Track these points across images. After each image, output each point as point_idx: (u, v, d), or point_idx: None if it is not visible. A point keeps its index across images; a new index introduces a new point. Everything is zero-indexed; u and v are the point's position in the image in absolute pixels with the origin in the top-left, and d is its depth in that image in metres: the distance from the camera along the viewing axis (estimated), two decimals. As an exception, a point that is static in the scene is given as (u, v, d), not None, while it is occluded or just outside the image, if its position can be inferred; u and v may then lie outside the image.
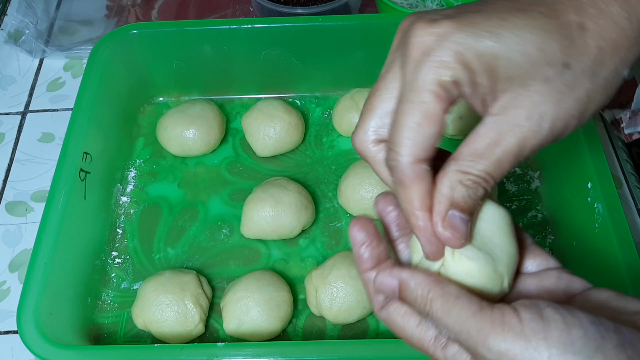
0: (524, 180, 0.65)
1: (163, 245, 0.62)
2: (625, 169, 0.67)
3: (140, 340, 0.56)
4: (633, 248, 0.50)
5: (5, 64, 0.79)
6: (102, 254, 0.61)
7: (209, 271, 0.60)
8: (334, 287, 0.54)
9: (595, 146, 0.56)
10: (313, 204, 0.62)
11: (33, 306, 0.49)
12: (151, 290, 0.55)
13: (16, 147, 0.71)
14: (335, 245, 0.62)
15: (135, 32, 0.66)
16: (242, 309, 0.54)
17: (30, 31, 0.78)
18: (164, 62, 0.69)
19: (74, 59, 0.79)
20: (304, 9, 0.71)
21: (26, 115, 0.74)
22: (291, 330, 0.56)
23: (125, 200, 0.65)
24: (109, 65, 0.65)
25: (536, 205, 0.63)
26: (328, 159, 0.68)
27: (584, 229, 0.55)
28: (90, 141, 0.59)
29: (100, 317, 0.57)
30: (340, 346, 0.48)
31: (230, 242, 0.62)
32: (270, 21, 0.66)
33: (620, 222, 0.51)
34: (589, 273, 0.55)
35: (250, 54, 0.67)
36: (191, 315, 0.54)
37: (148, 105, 0.73)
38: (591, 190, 0.54)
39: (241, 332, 0.54)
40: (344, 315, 0.54)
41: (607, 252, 0.52)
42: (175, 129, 0.66)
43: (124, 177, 0.67)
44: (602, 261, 0.53)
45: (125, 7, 0.84)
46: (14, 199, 0.66)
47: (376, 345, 0.49)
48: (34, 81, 0.77)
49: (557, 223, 0.61)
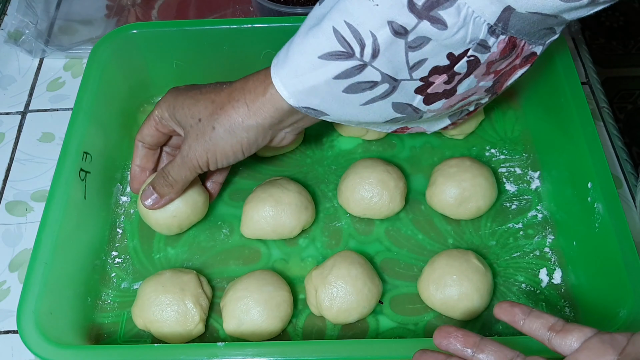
0: (524, 180, 0.65)
1: (163, 245, 0.62)
2: (625, 169, 0.67)
3: (140, 340, 0.56)
4: (633, 248, 0.50)
5: (5, 64, 0.79)
6: (102, 253, 0.61)
7: (209, 271, 0.60)
8: (334, 287, 0.54)
9: (595, 146, 0.56)
10: (313, 204, 0.62)
11: (33, 306, 0.49)
12: (151, 290, 0.55)
13: (16, 147, 0.71)
14: (335, 245, 0.62)
15: (135, 32, 0.66)
16: (242, 308, 0.54)
17: (30, 31, 0.78)
18: (164, 62, 0.69)
19: (74, 58, 0.79)
20: (304, 8, 0.71)
21: (26, 115, 0.74)
22: (291, 330, 0.56)
23: (125, 200, 0.65)
24: (109, 65, 0.65)
25: (536, 205, 0.63)
26: (328, 159, 0.68)
27: (584, 229, 0.55)
28: (90, 141, 0.59)
29: (100, 317, 0.57)
30: (340, 346, 0.48)
31: (230, 242, 0.62)
32: (270, 21, 0.66)
33: (620, 222, 0.51)
34: (589, 273, 0.56)
35: (250, 54, 0.67)
36: (191, 315, 0.54)
37: (148, 105, 0.73)
38: (591, 190, 0.54)
39: (241, 332, 0.54)
40: (343, 315, 0.54)
41: (607, 252, 0.52)
42: (175, 129, 0.66)
43: (124, 177, 0.67)
44: (602, 261, 0.53)
45: (125, 7, 0.84)
46: (14, 199, 0.67)
47: (376, 345, 0.49)
48: (34, 81, 0.77)
49: (557, 223, 0.61)
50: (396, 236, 0.62)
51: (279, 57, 0.49)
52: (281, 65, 0.48)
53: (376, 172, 0.61)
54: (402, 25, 0.42)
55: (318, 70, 0.46)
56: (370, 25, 0.43)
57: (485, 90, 0.50)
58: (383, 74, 0.45)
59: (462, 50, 0.44)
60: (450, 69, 0.45)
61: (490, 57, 0.45)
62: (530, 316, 0.40)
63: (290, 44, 0.48)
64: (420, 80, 0.46)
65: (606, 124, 0.70)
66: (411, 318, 0.57)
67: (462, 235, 0.62)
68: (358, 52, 0.44)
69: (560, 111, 0.60)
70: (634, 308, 0.48)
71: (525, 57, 0.47)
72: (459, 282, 0.54)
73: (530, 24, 0.43)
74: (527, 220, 0.62)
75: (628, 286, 0.49)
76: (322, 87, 0.47)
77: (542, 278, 0.59)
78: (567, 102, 0.59)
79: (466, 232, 0.62)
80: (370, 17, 0.43)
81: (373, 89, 0.47)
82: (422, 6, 0.41)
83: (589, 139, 0.56)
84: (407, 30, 0.42)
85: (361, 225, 0.63)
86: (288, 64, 0.47)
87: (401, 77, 0.45)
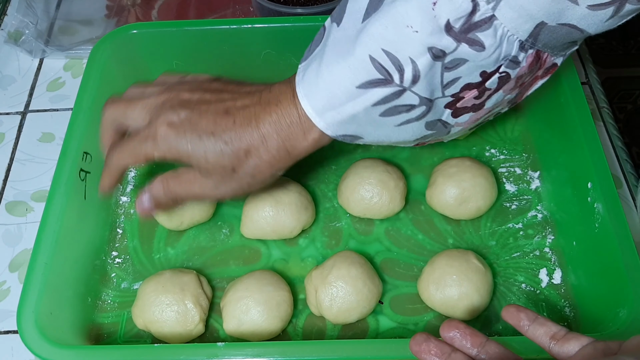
0: (524, 180, 0.65)
1: (163, 245, 0.62)
2: (625, 169, 0.67)
3: (140, 340, 0.56)
4: (633, 248, 0.50)
5: (5, 64, 0.79)
6: (102, 253, 0.61)
7: (209, 271, 0.60)
8: (334, 287, 0.54)
9: (595, 146, 0.56)
10: (313, 204, 0.62)
11: (33, 306, 0.49)
12: (151, 290, 0.55)
13: (16, 147, 0.71)
14: (335, 245, 0.62)
15: (135, 32, 0.66)
16: (242, 308, 0.54)
17: (30, 31, 0.78)
18: (164, 62, 0.69)
19: (74, 59, 0.79)
20: (304, 8, 0.71)
21: (26, 115, 0.74)
22: (291, 330, 0.56)
23: (125, 200, 0.65)
24: (109, 65, 0.65)
25: (536, 205, 0.63)
26: (328, 159, 0.68)
27: (584, 229, 0.55)
28: (90, 141, 0.59)
29: (100, 317, 0.57)
30: (340, 346, 0.48)
31: (230, 242, 0.62)
32: (270, 21, 0.66)
33: (620, 222, 0.51)
34: (589, 273, 0.56)
35: (250, 54, 0.67)
36: (191, 315, 0.54)
37: (148, 105, 0.73)
38: (591, 190, 0.54)
39: (241, 332, 0.54)
40: (344, 315, 0.54)
41: (607, 252, 0.52)
42: (175, 129, 0.66)
43: (124, 177, 0.67)
44: (602, 261, 0.53)
45: (125, 7, 0.84)
46: (14, 199, 0.67)
47: (376, 345, 0.49)
48: (34, 81, 0.77)
49: (557, 223, 0.61)
50: (396, 236, 0.62)
51: (309, 88, 0.46)
52: (314, 98, 0.46)
53: (376, 172, 0.61)
54: (441, 49, 0.42)
55: (357, 99, 0.45)
56: (409, 52, 0.42)
57: (508, 102, 0.49)
58: (421, 97, 0.44)
59: (494, 68, 0.43)
60: (482, 85, 0.45)
61: (520, 72, 0.44)
62: (534, 323, 0.42)
63: (318, 74, 0.46)
64: (451, 96, 0.45)
65: (606, 124, 0.70)
66: (411, 318, 0.57)
67: (462, 235, 0.62)
68: (397, 79, 0.43)
69: (560, 111, 0.60)
70: (634, 308, 0.48)
71: (546, 68, 0.46)
72: (459, 282, 0.54)
73: (557, 37, 0.42)
74: (527, 220, 0.62)
75: (628, 286, 0.49)
76: (360, 115, 0.46)
77: (542, 278, 0.59)
78: (567, 102, 0.59)
79: (466, 232, 0.62)
80: (410, 44, 0.42)
81: (410, 112, 0.46)
82: (460, 29, 0.41)
83: (589, 139, 0.56)
84: (446, 54, 0.42)
85: (361, 225, 0.63)
86: (322, 96, 0.46)
87: (435, 96, 0.45)
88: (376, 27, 0.43)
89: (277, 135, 0.48)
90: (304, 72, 0.47)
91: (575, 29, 0.42)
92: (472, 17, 0.40)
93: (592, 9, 0.40)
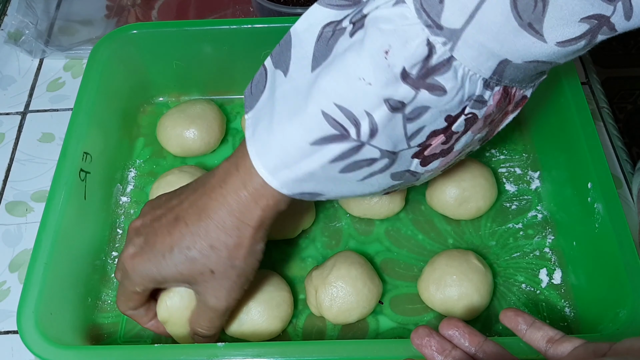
0: (524, 180, 0.65)
1: (163, 245, 0.62)
2: (625, 169, 0.67)
3: (140, 340, 0.56)
4: (633, 248, 0.50)
5: (5, 64, 0.79)
6: (102, 254, 0.61)
7: (209, 271, 0.60)
8: (334, 287, 0.54)
9: (595, 146, 0.56)
10: (313, 204, 0.62)
11: (33, 306, 0.49)
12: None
13: (16, 147, 0.71)
14: (335, 245, 0.62)
15: (135, 32, 0.66)
16: (242, 308, 0.54)
17: (30, 31, 0.78)
18: (164, 62, 0.69)
19: (74, 59, 0.79)
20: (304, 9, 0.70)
21: (26, 115, 0.74)
22: (291, 330, 0.56)
23: (125, 200, 0.65)
24: (109, 65, 0.65)
25: (536, 205, 0.63)
26: (328, 159, 0.68)
27: (584, 229, 0.55)
28: (90, 141, 0.59)
29: (100, 317, 0.57)
30: (340, 346, 0.48)
31: (230, 242, 0.62)
32: (270, 21, 0.66)
33: (620, 222, 0.51)
34: (589, 273, 0.56)
35: (250, 54, 0.67)
36: (191, 315, 0.54)
37: (148, 105, 0.73)
38: (591, 190, 0.54)
39: (241, 332, 0.54)
40: (344, 315, 0.54)
41: (607, 252, 0.52)
42: (175, 129, 0.66)
43: (124, 177, 0.67)
44: (602, 261, 0.53)
45: (125, 7, 0.84)
46: (14, 199, 0.67)
47: (376, 345, 0.49)
48: (34, 81, 0.77)
49: (557, 223, 0.61)
50: (396, 236, 0.62)
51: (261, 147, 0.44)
52: (266, 157, 0.44)
53: (376, 172, 0.61)
54: (399, 100, 0.39)
55: (312, 156, 0.42)
56: (364, 105, 0.40)
57: (479, 141, 0.47)
58: (382, 150, 0.42)
59: (459, 110, 0.41)
60: (448, 129, 0.42)
61: (488, 111, 0.42)
62: (532, 327, 0.42)
63: (269, 132, 0.43)
64: (417, 146, 0.43)
65: (606, 124, 0.70)
66: (411, 318, 0.57)
67: (462, 235, 0.62)
68: (354, 133, 0.41)
69: (560, 111, 0.60)
70: (634, 308, 0.48)
71: (516, 102, 0.45)
72: (459, 282, 0.54)
73: (524, 72, 0.40)
74: (527, 221, 0.62)
75: (628, 286, 0.49)
76: (318, 172, 0.43)
77: (542, 278, 0.59)
78: (567, 102, 0.59)
79: (466, 232, 0.62)
80: (364, 98, 0.39)
81: (372, 165, 0.43)
82: (417, 75, 0.38)
83: (589, 139, 0.56)
84: (405, 104, 0.39)
85: (361, 226, 0.63)
86: (275, 155, 0.43)
87: (400, 148, 0.43)
88: (327, 81, 0.40)
89: (230, 215, 0.46)
90: (254, 129, 0.45)
91: (544, 64, 0.39)
92: (429, 61, 0.38)
93: (562, 45, 0.37)
